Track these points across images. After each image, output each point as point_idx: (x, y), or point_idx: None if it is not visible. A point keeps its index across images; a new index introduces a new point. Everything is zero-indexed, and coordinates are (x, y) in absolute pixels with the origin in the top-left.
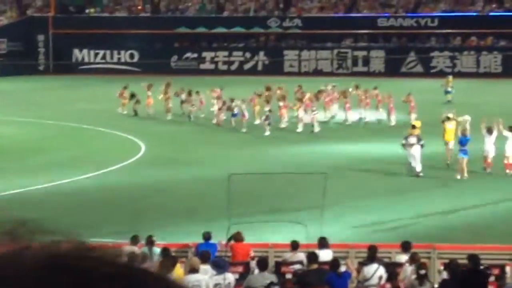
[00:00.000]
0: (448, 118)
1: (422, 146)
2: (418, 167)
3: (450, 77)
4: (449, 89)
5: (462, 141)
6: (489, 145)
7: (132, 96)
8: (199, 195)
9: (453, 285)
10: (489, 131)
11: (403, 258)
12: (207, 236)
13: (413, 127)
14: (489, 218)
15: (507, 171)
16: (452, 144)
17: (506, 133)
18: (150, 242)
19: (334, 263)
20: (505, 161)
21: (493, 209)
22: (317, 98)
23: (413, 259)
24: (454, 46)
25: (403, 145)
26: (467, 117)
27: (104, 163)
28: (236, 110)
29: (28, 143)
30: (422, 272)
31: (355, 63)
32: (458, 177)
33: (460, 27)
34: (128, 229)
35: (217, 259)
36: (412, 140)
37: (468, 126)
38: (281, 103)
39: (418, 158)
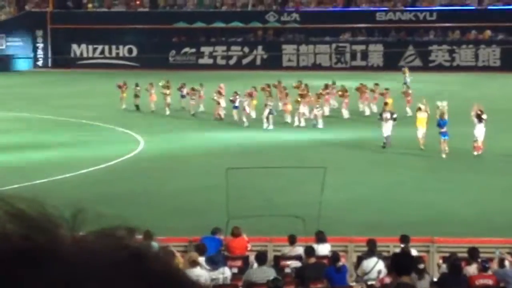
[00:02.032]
0: (419, 109)
1: (394, 119)
2: (388, 140)
3: (405, 69)
4: (407, 79)
5: (441, 124)
6: (479, 130)
7: (137, 86)
8: (198, 189)
9: (452, 278)
10: (478, 117)
11: (412, 252)
12: (214, 231)
13: (385, 104)
14: (487, 211)
15: (475, 152)
16: (422, 131)
17: (475, 120)
18: (148, 237)
19: (334, 257)
20: (474, 144)
21: (491, 200)
22: (318, 96)
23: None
24: (453, 39)
25: (379, 119)
26: (443, 103)
27: (103, 158)
28: (237, 103)
29: (26, 138)
30: (421, 266)
31: (353, 57)
32: (443, 155)
33: (458, 21)
34: (124, 223)
35: (212, 255)
36: (386, 115)
37: (445, 111)
38: (285, 100)
39: (389, 130)
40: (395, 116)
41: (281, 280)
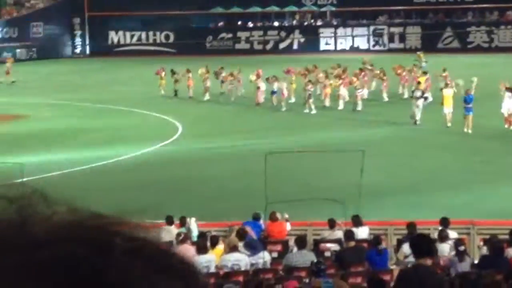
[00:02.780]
0: (446, 85)
1: (425, 98)
2: (418, 116)
3: (420, 53)
4: (423, 64)
5: (467, 100)
6: (507, 103)
7: (173, 73)
8: (237, 175)
9: (494, 260)
10: (509, 90)
11: (452, 234)
12: (255, 216)
13: (418, 83)
14: None
15: (506, 126)
16: (449, 109)
17: (507, 93)
18: (184, 222)
19: (375, 239)
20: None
21: None
22: (356, 77)
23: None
24: (491, 20)
25: (411, 97)
26: (461, 81)
27: (141, 144)
28: (275, 88)
29: (66, 126)
30: (461, 248)
31: (391, 39)
32: (465, 129)
33: (496, 1)
34: (164, 209)
35: (251, 240)
36: (418, 93)
37: (472, 87)
38: (325, 83)
39: (420, 108)
40: (426, 95)
41: (324, 263)
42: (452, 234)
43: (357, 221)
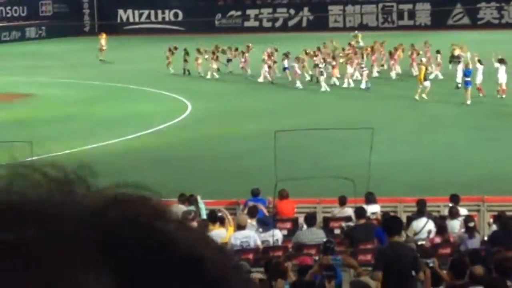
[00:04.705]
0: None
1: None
2: (459, 79)
3: (357, 32)
4: (361, 43)
5: (466, 73)
6: (501, 74)
7: (186, 53)
8: (246, 152)
9: (504, 236)
10: (500, 61)
11: (462, 211)
12: (255, 192)
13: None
14: None
15: (499, 96)
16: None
17: (496, 64)
18: (194, 200)
19: (385, 217)
20: (498, 88)
21: None
22: (362, 55)
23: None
24: None
25: (450, 62)
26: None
27: (151, 122)
28: (286, 64)
29: (75, 104)
30: (471, 224)
31: (400, 16)
32: (468, 102)
33: None
34: (175, 187)
35: (263, 216)
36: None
37: (469, 61)
38: (333, 62)
39: (460, 73)
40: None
41: (334, 242)
42: (462, 211)
43: (370, 199)
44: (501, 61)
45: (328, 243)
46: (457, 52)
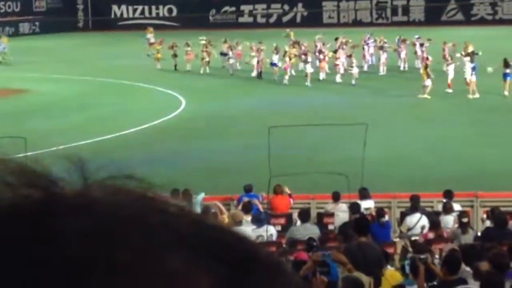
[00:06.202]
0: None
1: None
2: (468, 75)
3: (289, 31)
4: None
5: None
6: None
7: (173, 48)
8: (240, 148)
9: (497, 232)
10: (469, 55)
11: (456, 207)
12: (248, 188)
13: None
14: None
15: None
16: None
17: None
18: (187, 195)
19: (378, 212)
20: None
21: None
22: (353, 47)
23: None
24: None
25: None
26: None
27: (145, 118)
28: (275, 60)
29: (68, 100)
30: (465, 220)
31: (394, 12)
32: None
33: None
34: (168, 183)
35: (257, 212)
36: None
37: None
38: (321, 56)
39: (469, 70)
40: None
41: (315, 240)
42: (456, 207)
43: (364, 194)
44: (469, 55)
45: (310, 241)
46: (470, 48)
